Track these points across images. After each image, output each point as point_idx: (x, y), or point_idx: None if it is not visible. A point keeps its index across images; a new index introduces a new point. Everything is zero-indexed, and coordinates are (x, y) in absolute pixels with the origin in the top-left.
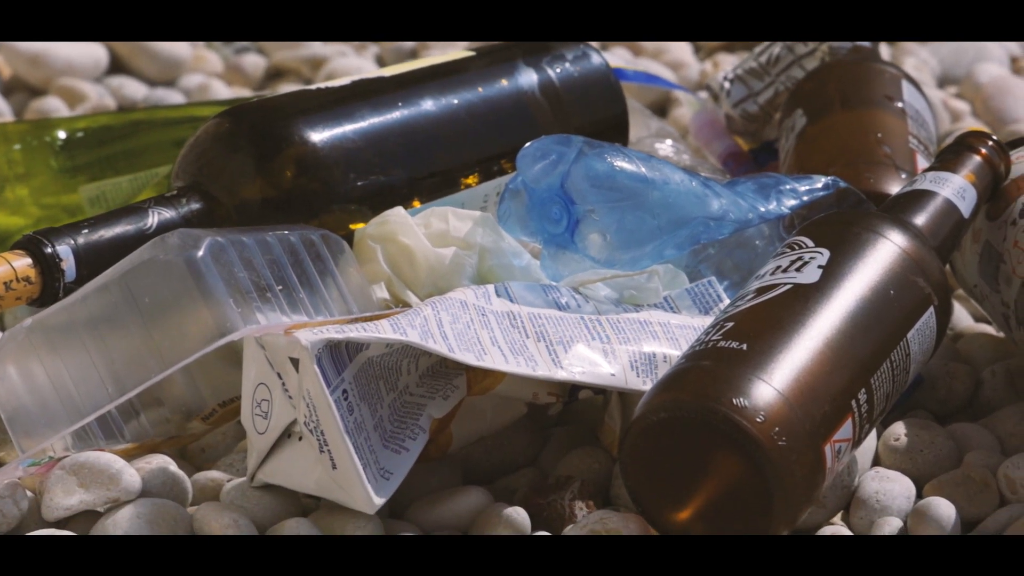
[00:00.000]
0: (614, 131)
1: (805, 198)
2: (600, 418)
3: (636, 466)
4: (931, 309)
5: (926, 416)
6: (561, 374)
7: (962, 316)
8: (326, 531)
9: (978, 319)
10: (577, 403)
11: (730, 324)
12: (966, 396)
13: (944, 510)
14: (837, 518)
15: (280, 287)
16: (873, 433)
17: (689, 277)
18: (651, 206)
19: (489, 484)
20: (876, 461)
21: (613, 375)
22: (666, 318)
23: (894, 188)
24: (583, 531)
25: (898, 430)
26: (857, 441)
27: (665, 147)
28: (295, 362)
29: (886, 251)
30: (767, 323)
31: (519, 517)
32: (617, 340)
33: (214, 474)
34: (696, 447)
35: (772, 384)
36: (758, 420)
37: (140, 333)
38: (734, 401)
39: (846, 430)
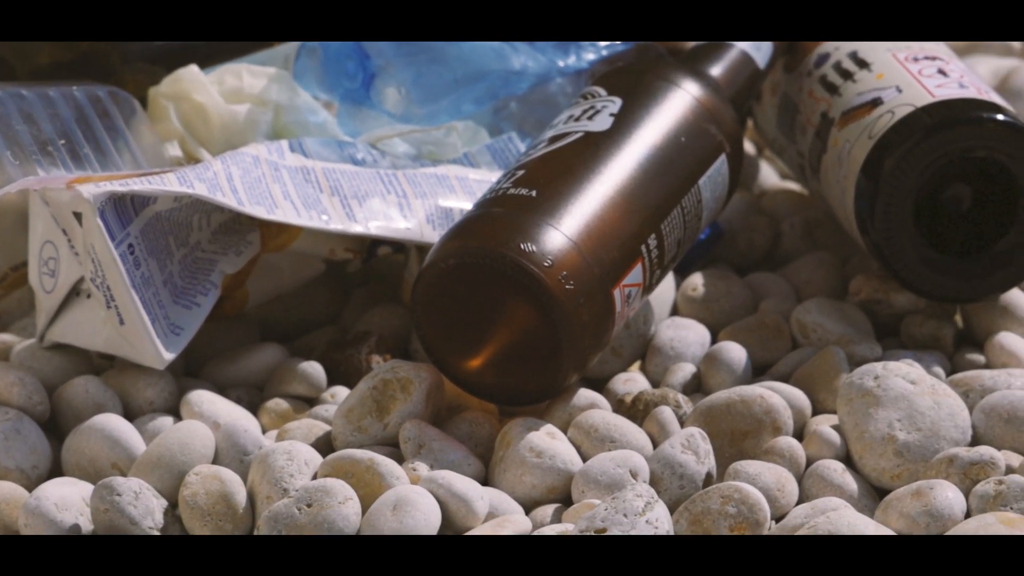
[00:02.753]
0: None
1: (604, 52)
2: (401, 275)
3: (428, 315)
4: (723, 156)
5: (727, 268)
6: (356, 228)
7: (769, 174)
8: (117, 390)
9: (784, 177)
10: (378, 261)
11: (521, 172)
12: (766, 248)
13: (735, 354)
14: (635, 367)
15: (63, 142)
16: (672, 284)
17: (491, 134)
18: (448, 60)
19: (289, 342)
20: (675, 311)
21: (409, 229)
22: (464, 173)
23: None
24: (375, 381)
25: (696, 281)
26: (648, 287)
27: None
28: (79, 216)
29: (678, 99)
30: (557, 170)
31: (314, 371)
32: (414, 194)
33: (4, 337)
34: (487, 294)
35: (561, 230)
36: (545, 264)
37: None
38: (522, 246)
39: (636, 275)
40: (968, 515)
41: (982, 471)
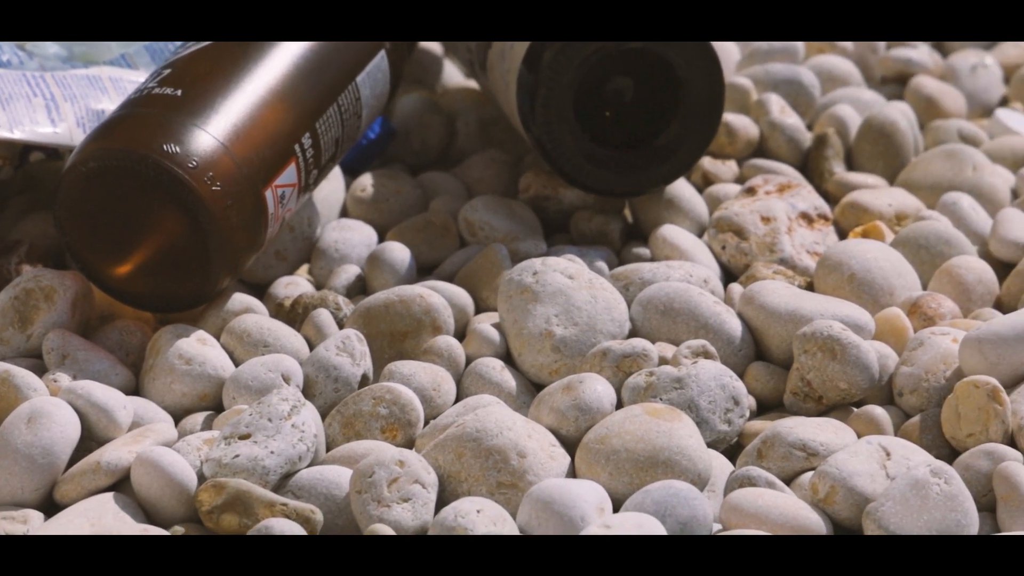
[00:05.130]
0: None
1: None
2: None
3: (73, 220)
4: (382, 53)
5: (401, 168)
6: (0, 133)
7: (453, 73)
8: None
9: (468, 76)
10: (33, 167)
11: (168, 71)
12: (441, 147)
13: (398, 254)
14: (302, 270)
15: None
16: (341, 185)
17: None
18: None
19: None
20: (344, 213)
21: (57, 133)
22: (120, 74)
23: None
24: (16, 290)
25: (365, 181)
26: (304, 186)
27: None
28: None
29: None
30: (205, 69)
31: None
32: (63, 97)
33: None
34: (133, 198)
35: (207, 130)
36: (190, 166)
37: None
38: (164, 147)
39: (289, 175)
40: (620, 407)
41: (634, 363)
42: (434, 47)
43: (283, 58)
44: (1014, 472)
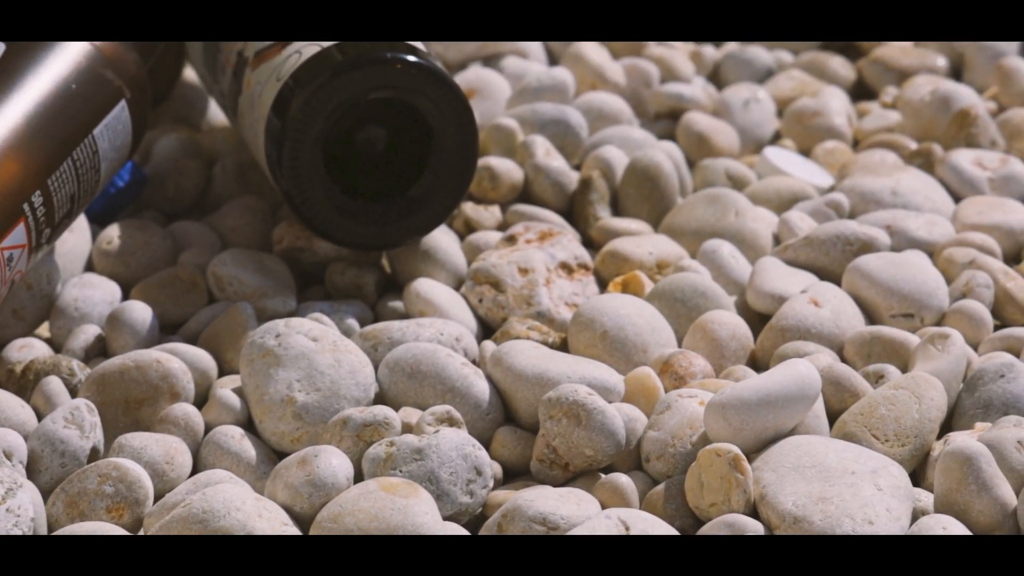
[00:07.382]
0: None
1: None
2: None
3: None
4: (123, 103)
5: (155, 216)
6: None
7: (217, 110)
8: None
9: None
10: None
11: None
12: (196, 192)
13: (138, 314)
14: (43, 329)
15: None
16: (88, 237)
17: None
18: None
19: None
20: (90, 267)
21: None
22: None
23: None
24: None
25: (112, 233)
26: (36, 246)
27: None
28: None
29: (69, 44)
30: None
31: None
32: None
33: None
34: None
35: None
36: None
37: None
38: None
39: (18, 236)
40: (361, 479)
41: (375, 432)
42: (195, 80)
43: (12, 113)
44: None
